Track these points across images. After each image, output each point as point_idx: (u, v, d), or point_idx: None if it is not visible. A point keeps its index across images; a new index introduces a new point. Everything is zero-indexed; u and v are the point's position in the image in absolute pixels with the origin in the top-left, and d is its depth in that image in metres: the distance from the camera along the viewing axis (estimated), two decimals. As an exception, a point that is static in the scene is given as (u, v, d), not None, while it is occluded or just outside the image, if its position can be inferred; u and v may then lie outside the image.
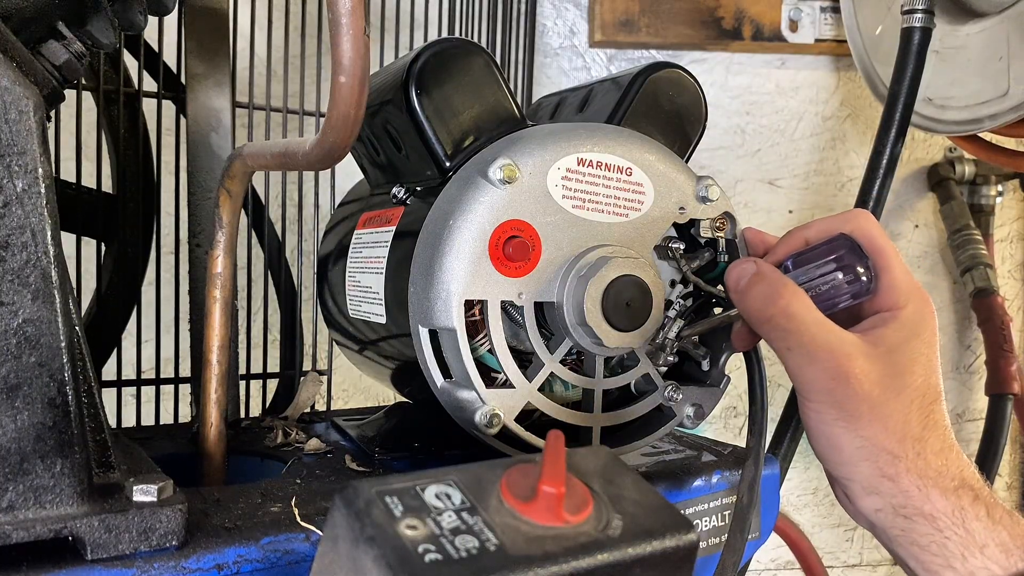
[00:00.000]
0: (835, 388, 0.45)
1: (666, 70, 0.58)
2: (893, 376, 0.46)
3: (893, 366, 0.46)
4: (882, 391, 0.45)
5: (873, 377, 0.45)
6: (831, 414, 0.46)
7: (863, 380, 0.45)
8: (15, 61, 0.40)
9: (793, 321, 0.46)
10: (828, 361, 0.45)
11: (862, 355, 0.46)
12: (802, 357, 0.46)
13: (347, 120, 0.42)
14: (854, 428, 0.46)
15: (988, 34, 1.02)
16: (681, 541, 0.30)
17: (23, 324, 0.38)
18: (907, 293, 0.48)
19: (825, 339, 0.46)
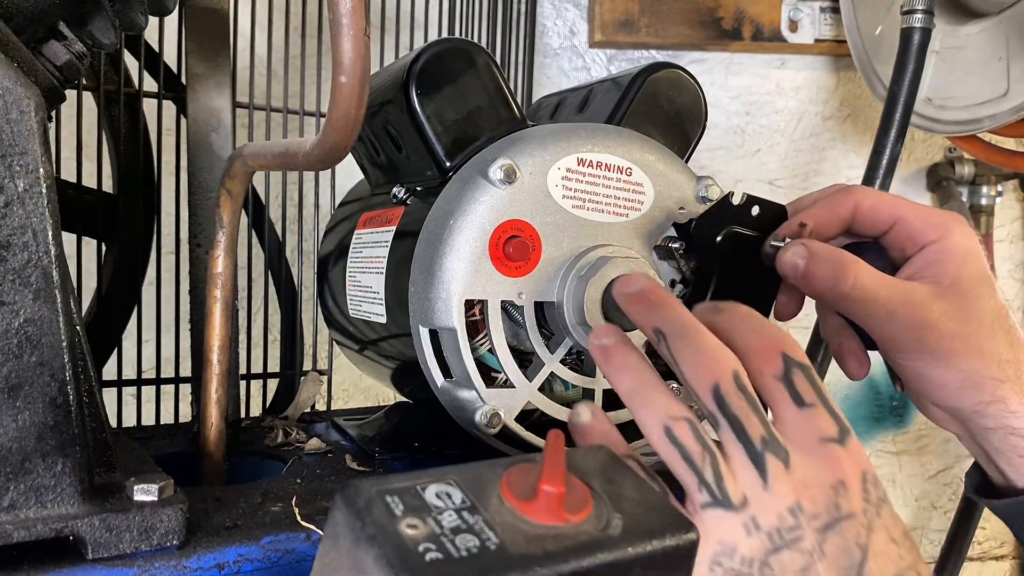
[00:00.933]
0: (924, 336, 0.47)
1: (666, 70, 0.58)
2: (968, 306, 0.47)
3: (964, 296, 0.47)
4: (965, 323, 0.47)
5: (952, 313, 0.47)
6: (927, 360, 0.48)
7: (946, 319, 0.47)
8: (16, 61, 0.40)
9: (867, 291, 0.47)
10: (908, 315, 0.47)
11: (935, 297, 0.47)
12: (883, 319, 0.47)
13: (348, 120, 0.42)
14: (954, 364, 0.47)
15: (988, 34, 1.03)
16: (681, 540, 0.30)
17: (24, 324, 0.38)
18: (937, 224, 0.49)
19: (899, 296, 0.47)
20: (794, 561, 0.36)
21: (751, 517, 0.37)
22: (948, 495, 1.51)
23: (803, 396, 0.39)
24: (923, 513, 1.51)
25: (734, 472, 0.38)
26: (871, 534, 0.37)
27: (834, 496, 0.37)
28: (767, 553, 0.37)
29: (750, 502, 0.37)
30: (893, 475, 1.50)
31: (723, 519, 0.37)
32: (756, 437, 0.38)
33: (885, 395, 1.48)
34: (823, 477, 0.38)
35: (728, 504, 0.37)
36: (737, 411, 0.38)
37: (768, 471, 0.37)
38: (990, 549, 1.54)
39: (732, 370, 0.39)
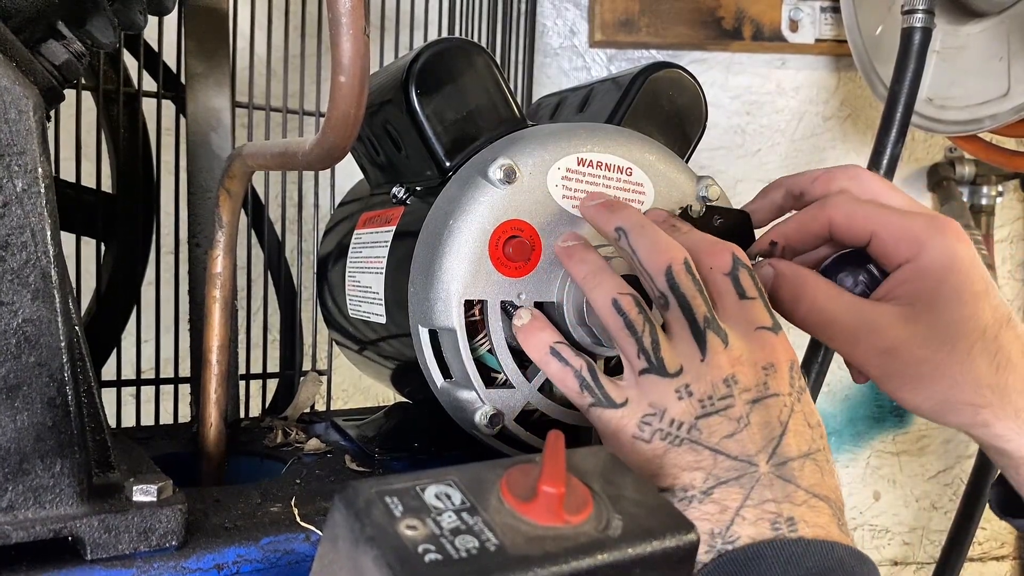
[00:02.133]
0: (887, 362, 0.46)
1: (666, 70, 0.58)
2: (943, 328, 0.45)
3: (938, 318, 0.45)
4: (937, 348, 0.45)
5: (922, 337, 0.45)
6: (896, 384, 0.47)
7: (914, 345, 0.45)
8: (15, 61, 0.40)
9: (824, 314, 0.47)
10: (872, 341, 0.46)
11: (904, 321, 0.45)
12: (846, 343, 0.47)
13: (347, 120, 0.42)
14: (924, 390, 0.46)
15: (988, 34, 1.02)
16: (681, 541, 0.30)
17: (23, 324, 0.38)
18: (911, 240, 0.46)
19: (862, 322, 0.46)
20: (721, 426, 0.40)
21: (684, 384, 0.41)
22: (949, 495, 1.51)
23: (746, 290, 0.43)
24: (923, 514, 1.51)
25: (675, 345, 0.43)
26: (792, 414, 0.41)
27: (764, 376, 0.41)
28: (696, 417, 0.41)
29: (685, 371, 0.42)
30: (894, 475, 1.50)
31: (657, 384, 0.42)
32: (700, 315, 0.42)
33: (885, 396, 1.47)
34: (757, 357, 0.42)
35: (663, 371, 0.42)
36: (685, 290, 0.43)
37: (708, 345, 0.42)
38: (991, 549, 1.54)
39: (683, 256, 0.43)
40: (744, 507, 0.39)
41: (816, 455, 0.41)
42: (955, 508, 1.37)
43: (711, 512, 0.39)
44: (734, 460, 0.40)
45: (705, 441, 0.40)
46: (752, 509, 0.39)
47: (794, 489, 0.39)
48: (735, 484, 0.39)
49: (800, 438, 0.41)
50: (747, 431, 0.40)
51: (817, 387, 1.02)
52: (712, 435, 0.40)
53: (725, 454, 0.40)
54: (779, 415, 0.41)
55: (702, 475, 0.40)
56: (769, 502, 0.39)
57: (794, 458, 0.40)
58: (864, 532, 1.50)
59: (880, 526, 1.50)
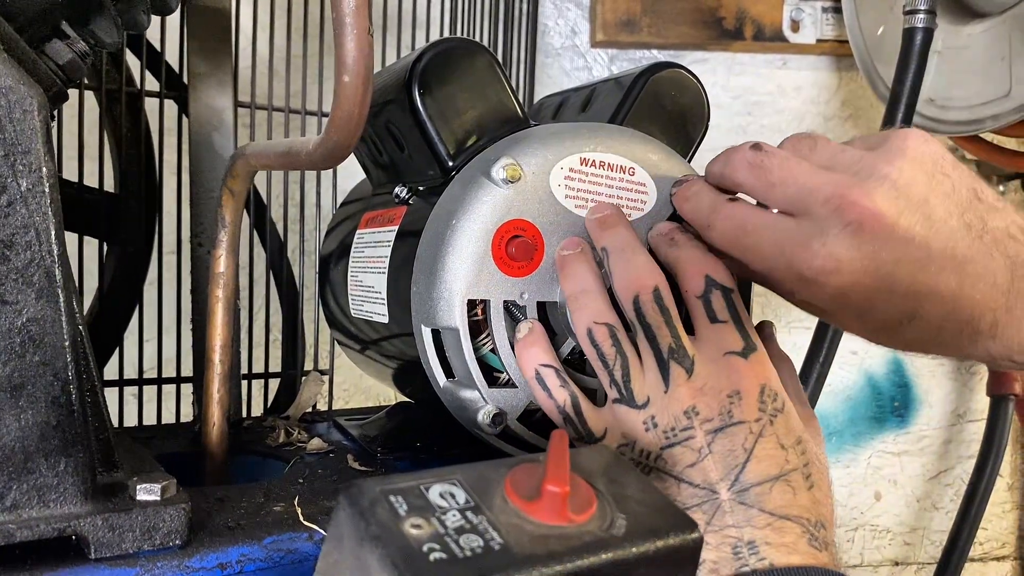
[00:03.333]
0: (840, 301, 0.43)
1: (668, 70, 0.58)
2: None
3: None
4: None
5: None
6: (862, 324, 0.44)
7: None
8: (19, 60, 0.40)
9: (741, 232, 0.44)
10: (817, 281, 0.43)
11: None
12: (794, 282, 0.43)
13: (351, 119, 0.42)
14: None
15: (990, 35, 1.03)
16: (685, 540, 0.30)
17: (27, 323, 0.38)
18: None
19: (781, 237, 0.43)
20: (684, 456, 0.42)
21: (651, 416, 0.43)
22: (950, 496, 1.51)
23: (716, 313, 0.43)
24: (924, 514, 1.51)
25: (645, 375, 0.44)
26: (759, 440, 0.41)
27: (728, 404, 0.42)
28: (661, 448, 0.42)
29: (652, 402, 0.43)
30: (894, 476, 1.50)
31: (628, 415, 0.44)
32: (664, 346, 0.43)
33: (886, 396, 1.47)
34: (721, 386, 0.42)
35: (632, 402, 0.43)
36: (651, 320, 0.44)
37: (671, 377, 0.43)
38: (991, 550, 1.54)
39: (653, 285, 0.44)
40: (706, 532, 0.40)
41: (790, 476, 0.41)
42: (956, 508, 1.37)
43: None
44: (696, 488, 0.41)
45: (670, 470, 0.42)
46: (714, 534, 0.40)
47: (756, 513, 0.40)
48: (698, 510, 0.41)
49: (769, 463, 0.41)
50: (708, 460, 0.41)
51: (819, 387, 1.02)
52: (675, 464, 0.42)
53: (688, 482, 0.41)
54: (743, 443, 0.41)
55: None
56: (730, 528, 0.40)
57: (758, 483, 0.41)
58: (865, 532, 1.50)
59: (881, 526, 1.50)
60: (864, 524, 1.49)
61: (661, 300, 0.44)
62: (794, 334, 1.26)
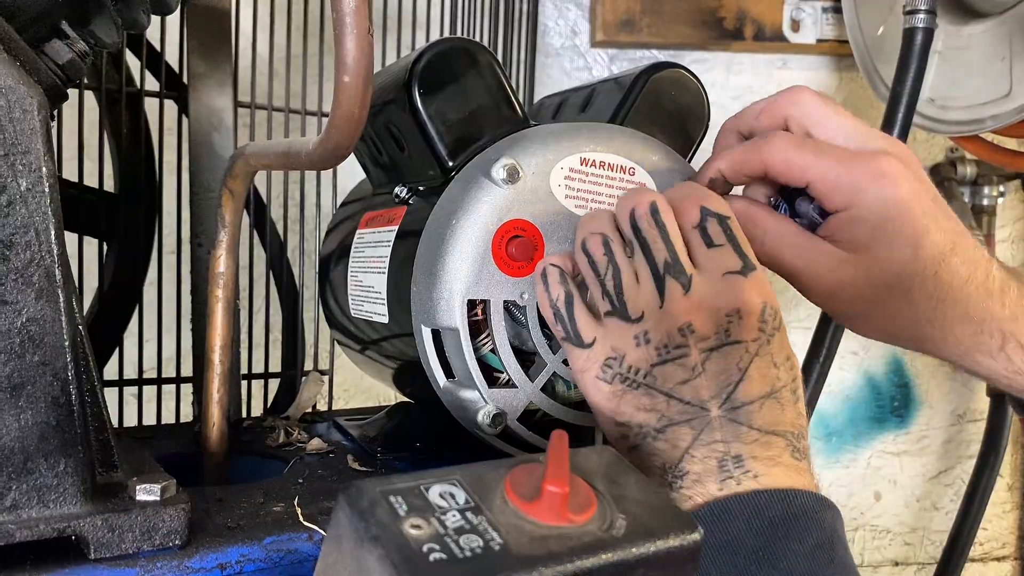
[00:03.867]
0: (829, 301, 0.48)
1: (668, 70, 0.58)
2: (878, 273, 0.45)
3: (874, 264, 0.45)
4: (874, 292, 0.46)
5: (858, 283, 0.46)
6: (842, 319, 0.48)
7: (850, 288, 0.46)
8: (19, 60, 0.40)
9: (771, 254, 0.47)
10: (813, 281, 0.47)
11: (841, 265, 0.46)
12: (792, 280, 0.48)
13: (351, 119, 0.42)
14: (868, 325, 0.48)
15: (990, 34, 1.02)
16: (685, 541, 0.30)
17: (27, 323, 0.38)
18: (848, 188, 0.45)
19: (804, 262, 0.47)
20: (676, 373, 0.41)
21: (644, 331, 0.42)
22: (950, 496, 1.51)
23: (713, 238, 0.43)
24: (924, 514, 1.51)
25: (641, 291, 0.43)
26: (755, 359, 0.41)
27: (726, 323, 0.41)
28: (652, 365, 0.42)
29: (646, 317, 0.42)
30: (895, 476, 1.50)
31: (620, 328, 0.43)
32: (660, 259, 0.43)
33: (886, 396, 1.47)
34: (720, 304, 0.41)
35: (625, 315, 0.43)
36: (646, 234, 0.44)
37: (667, 291, 0.42)
38: (992, 550, 1.54)
39: (651, 201, 0.44)
40: (693, 446, 0.40)
41: (779, 392, 0.41)
42: (956, 509, 1.37)
43: (663, 448, 0.41)
44: (686, 404, 0.41)
45: (660, 387, 0.41)
46: (701, 448, 0.40)
47: (745, 431, 0.40)
48: (686, 426, 0.41)
49: (761, 381, 0.41)
50: (701, 378, 0.41)
51: (818, 387, 1.02)
52: (666, 381, 0.41)
53: (678, 399, 0.41)
54: (738, 362, 0.41)
55: (656, 416, 0.41)
56: (718, 443, 0.40)
57: (750, 402, 0.40)
58: (865, 532, 1.50)
59: (881, 527, 1.50)
60: (864, 524, 1.49)
61: (658, 215, 0.44)
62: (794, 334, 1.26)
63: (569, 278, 0.46)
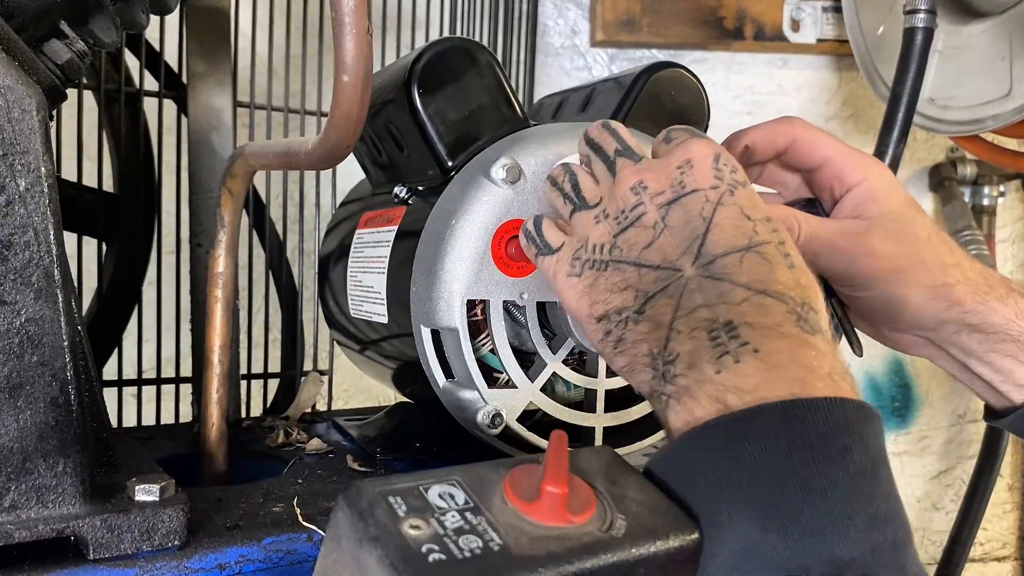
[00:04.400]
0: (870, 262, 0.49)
1: (668, 70, 0.58)
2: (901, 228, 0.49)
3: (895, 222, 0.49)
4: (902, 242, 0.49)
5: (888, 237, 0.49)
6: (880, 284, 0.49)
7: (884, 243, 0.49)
8: (18, 60, 0.40)
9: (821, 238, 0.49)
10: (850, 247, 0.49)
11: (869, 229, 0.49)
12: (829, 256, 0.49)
13: (350, 119, 0.42)
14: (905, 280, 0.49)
15: (991, 34, 1.02)
16: (685, 541, 0.30)
17: (25, 323, 0.38)
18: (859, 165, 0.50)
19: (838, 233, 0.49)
20: (638, 236, 0.39)
21: (602, 210, 0.42)
22: (950, 496, 1.51)
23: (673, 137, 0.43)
24: (925, 515, 1.51)
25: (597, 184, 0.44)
26: (719, 207, 0.38)
27: (679, 175, 0.40)
28: (614, 235, 0.40)
29: (603, 199, 0.42)
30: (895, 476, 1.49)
31: (583, 218, 0.43)
32: (611, 150, 0.43)
33: (886, 396, 1.47)
34: (670, 160, 0.40)
35: (584, 204, 0.43)
36: (596, 137, 0.44)
37: (618, 169, 0.42)
38: (992, 550, 1.54)
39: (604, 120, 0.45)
40: (676, 319, 0.36)
41: (762, 248, 0.37)
42: (956, 508, 1.37)
43: (645, 331, 0.37)
44: (657, 269, 0.38)
45: (626, 258, 0.39)
46: (684, 319, 0.36)
47: (728, 287, 0.36)
48: (663, 296, 0.37)
49: (734, 232, 0.37)
50: (665, 235, 0.38)
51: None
52: (631, 249, 0.39)
53: (647, 265, 0.38)
54: (700, 211, 0.38)
55: (632, 293, 0.38)
56: (701, 308, 0.36)
57: (724, 253, 0.36)
58: (865, 532, 1.49)
59: (881, 526, 1.50)
60: (864, 524, 1.49)
61: (608, 125, 0.45)
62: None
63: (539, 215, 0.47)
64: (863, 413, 0.33)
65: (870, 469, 0.32)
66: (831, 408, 0.32)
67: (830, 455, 0.31)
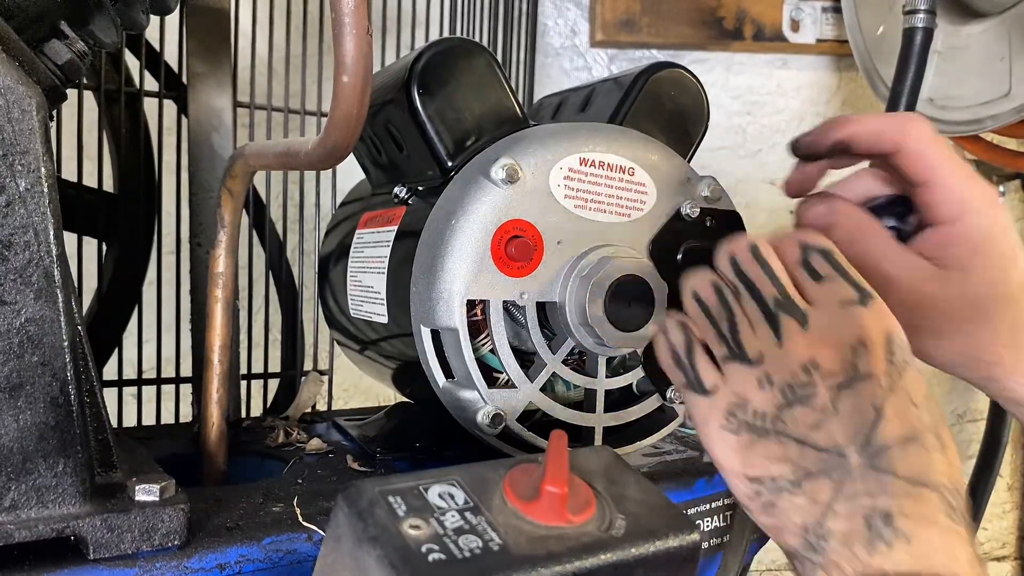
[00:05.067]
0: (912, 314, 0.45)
1: (668, 70, 0.58)
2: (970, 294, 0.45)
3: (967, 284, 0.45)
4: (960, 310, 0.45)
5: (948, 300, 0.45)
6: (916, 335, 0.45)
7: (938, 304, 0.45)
8: (18, 60, 0.40)
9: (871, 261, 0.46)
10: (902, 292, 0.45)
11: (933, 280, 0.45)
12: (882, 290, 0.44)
13: (350, 119, 0.42)
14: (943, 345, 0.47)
15: (990, 34, 1.03)
16: (684, 541, 0.30)
17: (26, 323, 0.38)
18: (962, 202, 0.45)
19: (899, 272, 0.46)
20: (806, 417, 0.38)
21: (765, 373, 0.40)
22: (949, 496, 1.51)
23: (819, 271, 0.41)
24: (924, 514, 1.51)
25: (756, 332, 0.41)
26: (889, 395, 0.38)
27: (852, 356, 0.38)
28: (779, 408, 0.39)
29: (765, 359, 0.40)
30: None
31: (740, 372, 0.40)
32: (769, 297, 0.41)
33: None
34: (842, 337, 0.39)
35: (744, 358, 0.40)
36: (751, 275, 0.42)
37: (782, 329, 0.40)
38: (992, 550, 1.54)
39: (749, 244, 0.42)
40: (835, 501, 0.37)
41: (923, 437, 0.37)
42: (956, 508, 1.36)
43: (801, 504, 0.38)
44: (822, 452, 0.38)
45: (790, 432, 0.39)
46: (843, 503, 0.37)
47: (891, 480, 0.36)
48: (824, 477, 0.37)
49: (901, 422, 0.37)
50: (834, 421, 0.38)
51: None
52: (797, 426, 0.39)
53: (812, 445, 0.38)
54: (872, 399, 0.38)
55: (790, 466, 0.38)
56: (861, 496, 0.36)
57: (892, 445, 0.37)
58: (865, 532, 1.49)
59: (881, 526, 1.50)
60: (864, 524, 1.49)
61: (759, 253, 0.42)
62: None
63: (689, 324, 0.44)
64: None
65: None
66: None
67: None
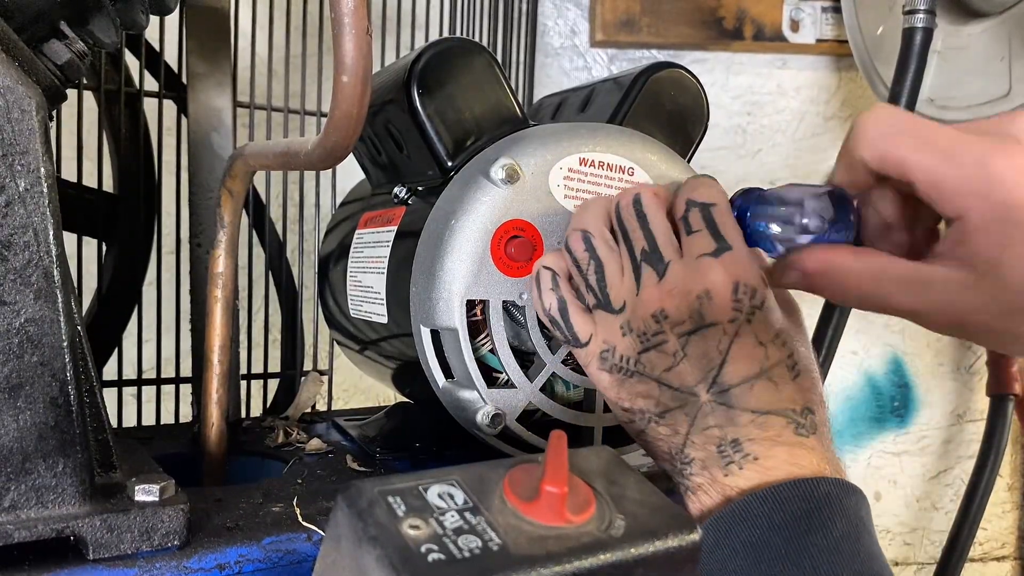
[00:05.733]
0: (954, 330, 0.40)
1: (668, 70, 0.58)
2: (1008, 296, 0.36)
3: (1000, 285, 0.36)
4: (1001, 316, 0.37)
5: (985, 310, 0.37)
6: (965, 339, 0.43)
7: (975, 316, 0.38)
8: (17, 60, 0.40)
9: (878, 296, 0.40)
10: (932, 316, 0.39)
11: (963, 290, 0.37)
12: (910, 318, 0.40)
13: (349, 119, 0.42)
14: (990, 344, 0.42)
15: (990, 34, 1.03)
16: (684, 541, 0.30)
17: (25, 324, 0.38)
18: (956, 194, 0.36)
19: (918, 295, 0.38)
20: (660, 361, 0.43)
21: (627, 320, 0.44)
22: (949, 496, 1.51)
23: (692, 225, 0.43)
24: (924, 514, 1.51)
25: (623, 280, 0.44)
26: (736, 339, 0.41)
27: (698, 305, 0.41)
28: (638, 353, 0.43)
29: (627, 307, 0.44)
30: (895, 476, 1.50)
31: (607, 319, 0.45)
32: (638, 248, 0.44)
33: (886, 396, 1.47)
34: (690, 287, 0.42)
35: (609, 307, 0.44)
36: (626, 223, 0.45)
37: (642, 279, 0.43)
38: (991, 550, 1.54)
39: (634, 195, 0.45)
40: (691, 432, 0.42)
41: (771, 371, 0.41)
42: (956, 508, 1.37)
43: (666, 433, 0.43)
44: (676, 391, 0.42)
45: (649, 373, 0.43)
46: (698, 434, 0.41)
47: (738, 413, 0.40)
48: (680, 412, 0.42)
49: (747, 362, 0.41)
50: (684, 364, 0.42)
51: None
52: (654, 368, 0.43)
53: (667, 385, 0.42)
54: (717, 345, 0.41)
55: (653, 402, 0.43)
56: (712, 428, 0.41)
57: (737, 384, 0.41)
58: (865, 532, 1.49)
59: (881, 526, 1.50)
60: (864, 524, 1.49)
61: (640, 205, 0.45)
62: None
63: (561, 279, 0.47)
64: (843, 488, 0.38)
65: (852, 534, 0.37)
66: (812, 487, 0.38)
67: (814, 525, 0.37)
